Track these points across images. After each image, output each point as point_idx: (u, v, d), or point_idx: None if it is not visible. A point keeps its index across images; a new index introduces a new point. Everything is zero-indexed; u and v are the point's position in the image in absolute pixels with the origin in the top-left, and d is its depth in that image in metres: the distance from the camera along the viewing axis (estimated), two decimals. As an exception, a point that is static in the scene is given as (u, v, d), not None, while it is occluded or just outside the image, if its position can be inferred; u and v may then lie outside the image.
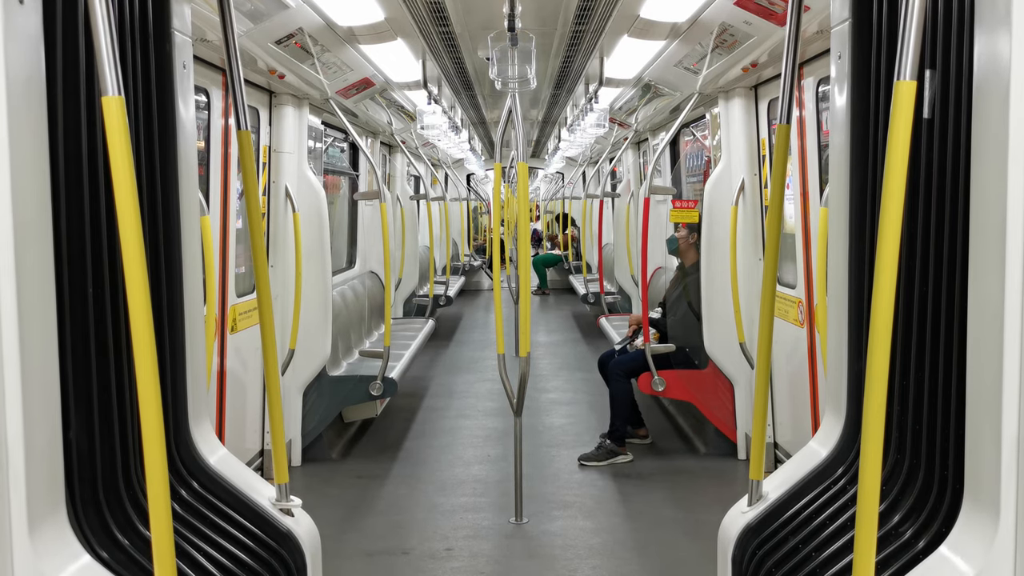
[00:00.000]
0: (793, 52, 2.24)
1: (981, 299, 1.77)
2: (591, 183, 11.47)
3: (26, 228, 1.74)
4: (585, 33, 4.85)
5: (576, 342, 10.45)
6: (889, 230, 1.59)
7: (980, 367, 1.78)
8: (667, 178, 7.90)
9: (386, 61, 5.38)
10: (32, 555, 1.74)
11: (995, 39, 1.70)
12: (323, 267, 5.47)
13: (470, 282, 15.64)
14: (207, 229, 3.53)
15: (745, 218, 5.37)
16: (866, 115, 2.24)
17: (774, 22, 3.85)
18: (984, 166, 1.75)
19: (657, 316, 6.18)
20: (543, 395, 7.54)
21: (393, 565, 4.06)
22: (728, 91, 5.46)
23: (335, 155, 7.71)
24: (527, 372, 4.49)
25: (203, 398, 2.44)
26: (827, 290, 2.59)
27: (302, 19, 4.15)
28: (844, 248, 2.34)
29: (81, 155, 1.91)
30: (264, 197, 5.27)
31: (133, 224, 1.63)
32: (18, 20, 1.71)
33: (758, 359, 2.37)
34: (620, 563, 4.03)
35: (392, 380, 5.67)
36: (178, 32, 2.30)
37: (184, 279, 2.31)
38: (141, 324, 1.63)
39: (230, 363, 4.77)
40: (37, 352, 1.77)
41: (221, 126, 4.63)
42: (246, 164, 2.32)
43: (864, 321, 2.14)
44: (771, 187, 3.21)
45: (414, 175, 11.27)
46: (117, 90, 1.64)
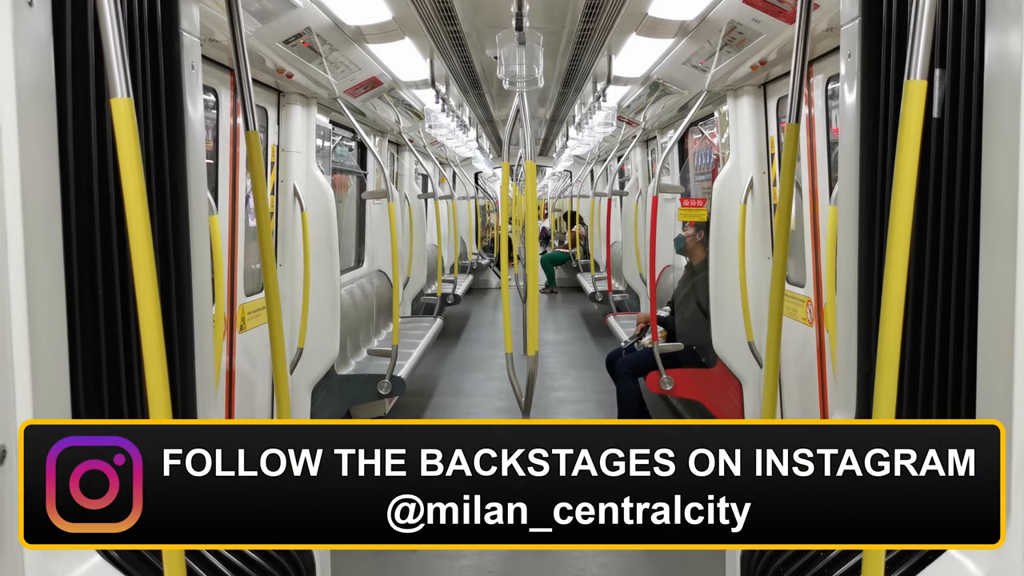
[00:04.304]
0: (802, 50, 2.23)
1: (992, 298, 1.76)
2: (599, 181, 11.45)
3: (36, 229, 1.74)
4: (593, 31, 4.84)
5: (584, 340, 10.45)
6: (899, 229, 1.59)
7: (991, 366, 1.77)
8: (675, 176, 7.88)
9: (394, 60, 5.38)
10: (42, 555, 1.74)
11: (1006, 38, 1.69)
12: (331, 266, 5.48)
13: (478, 280, 15.65)
14: (216, 229, 3.53)
15: (754, 217, 5.35)
16: (876, 114, 2.23)
17: (783, 20, 3.83)
18: (994, 165, 1.74)
19: (665, 315, 6.17)
20: (551, 394, 7.54)
21: (402, 563, 4.07)
22: (737, 89, 5.44)
23: (343, 154, 7.71)
24: (535, 371, 4.47)
25: (212, 397, 2.45)
26: (836, 289, 2.59)
27: (310, 18, 4.15)
28: (854, 247, 2.33)
29: (90, 156, 1.91)
30: (272, 196, 5.27)
31: (142, 225, 1.64)
32: (27, 22, 1.72)
33: (767, 358, 2.37)
34: (629, 562, 4.03)
35: (400, 379, 5.67)
36: (186, 33, 2.30)
37: (193, 279, 2.32)
38: (150, 324, 1.64)
39: (239, 362, 4.78)
40: (47, 352, 1.78)
41: (230, 125, 4.64)
42: (254, 164, 2.33)
43: (874, 320, 2.13)
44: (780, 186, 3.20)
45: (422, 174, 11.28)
46: (126, 92, 1.64)
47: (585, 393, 7.57)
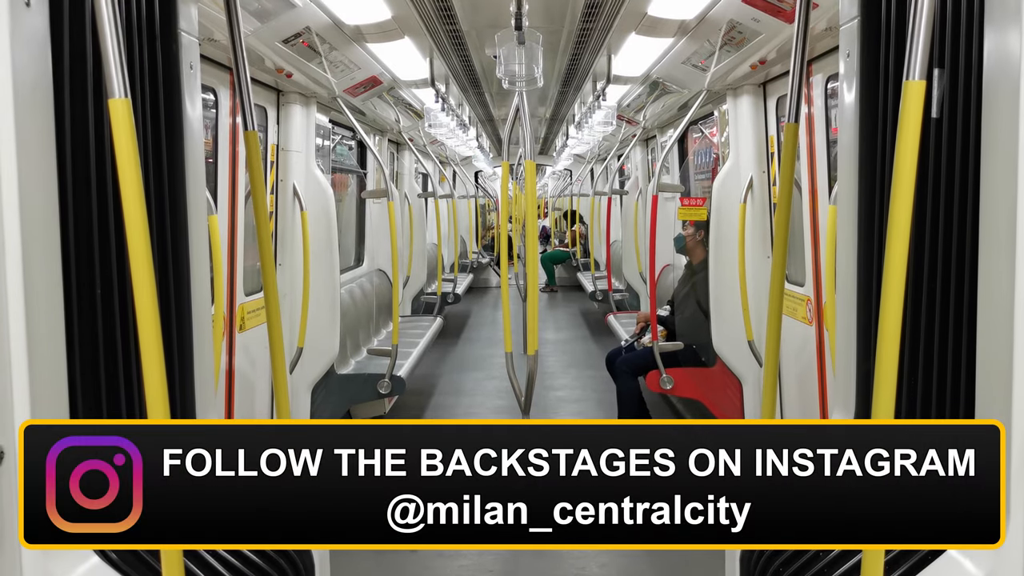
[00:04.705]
0: (802, 50, 2.23)
1: (991, 297, 1.76)
2: (599, 180, 11.45)
3: (34, 230, 1.74)
4: (593, 31, 4.84)
5: (584, 339, 10.45)
6: (898, 229, 1.59)
7: (990, 366, 1.77)
8: (675, 175, 7.88)
9: (393, 59, 5.38)
10: (41, 556, 1.74)
11: (1005, 37, 1.69)
12: (331, 265, 5.48)
13: (478, 279, 15.65)
14: (215, 228, 3.53)
15: (753, 216, 5.35)
16: (875, 113, 2.23)
17: (782, 19, 3.83)
18: (993, 165, 1.74)
19: (665, 314, 6.17)
20: (551, 393, 7.54)
21: (401, 562, 4.07)
22: (736, 88, 5.44)
23: (343, 153, 7.71)
24: (535, 370, 4.47)
25: (211, 397, 2.45)
26: (836, 288, 2.59)
27: (309, 18, 4.15)
28: (853, 246, 2.33)
29: (88, 156, 1.91)
30: (272, 196, 5.27)
31: (140, 225, 1.63)
32: (24, 22, 1.72)
33: (766, 357, 2.37)
34: (629, 561, 4.03)
35: (400, 378, 5.68)
36: (185, 33, 2.30)
37: (192, 279, 2.32)
38: (148, 324, 1.64)
39: (238, 362, 4.78)
40: (45, 353, 1.78)
41: (229, 125, 4.63)
42: (253, 164, 2.33)
43: (873, 320, 2.13)
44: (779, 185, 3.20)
45: (422, 173, 11.28)
46: (124, 92, 1.64)
47: (585, 392, 7.57)
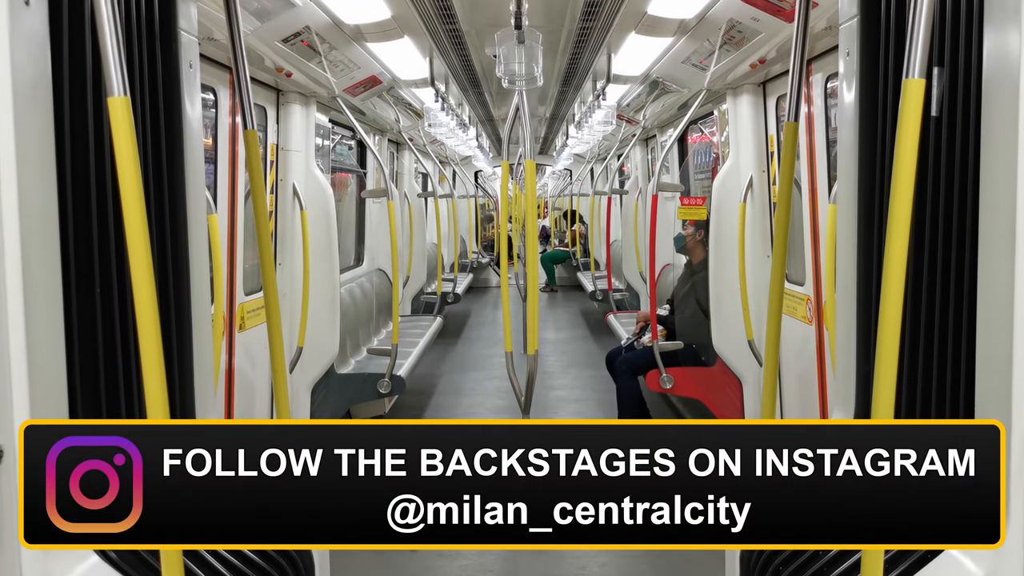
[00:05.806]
0: (801, 49, 2.23)
1: (991, 296, 1.76)
2: (599, 180, 11.45)
3: (33, 229, 1.74)
4: (592, 30, 4.84)
5: (584, 339, 10.45)
6: (898, 228, 1.59)
7: (990, 366, 1.77)
8: (675, 175, 7.88)
9: (393, 59, 5.38)
10: (41, 556, 1.74)
11: (1004, 36, 1.69)
12: (331, 265, 5.48)
13: (478, 279, 15.65)
14: (214, 228, 3.53)
15: (753, 215, 5.35)
16: (874, 112, 2.23)
17: (782, 18, 3.83)
18: (993, 164, 1.74)
19: (665, 313, 6.17)
20: (551, 392, 7.54)
21: (401, 562, 4.07)
22: (736, 88, 5.44)
23: (343, 153, 7.71)
24: (535, 370, 4.47)
25: (210, 396, 2.45)
26: (835, 287, 2.58)
27: (309, 17, 4.15)
28: (853, 245, 2.33)
29: (88, 155, 1.91)
30: (272, 195, 5.27)
31: (139, 224, 1.63)
32: (24, 21, 1.72)
33: (766, 356, 2.37)
34: (629, 561, 4.03)
35: (400, 378, 5.67)
36: (184, 32, 2.30)
37: (191, 278, 2.32)
38: (148, 323, 1.64)
39: (238, 361, 4.78)
40: (44, 353, 1.78)
41: (228, 124, 4.63)
42: (252, 164, 2.32)
43: (873, 319, 2.13)
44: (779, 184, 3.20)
45: (422, 172, 11.28)
46: (123, 91, 1.64)
47: (585, 392, 7.57)
